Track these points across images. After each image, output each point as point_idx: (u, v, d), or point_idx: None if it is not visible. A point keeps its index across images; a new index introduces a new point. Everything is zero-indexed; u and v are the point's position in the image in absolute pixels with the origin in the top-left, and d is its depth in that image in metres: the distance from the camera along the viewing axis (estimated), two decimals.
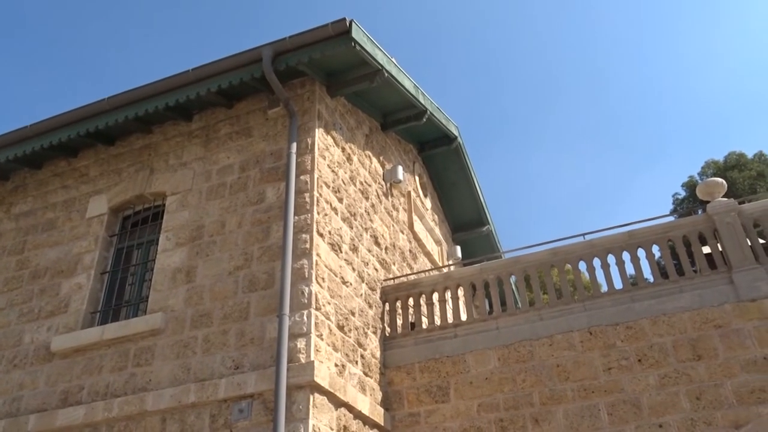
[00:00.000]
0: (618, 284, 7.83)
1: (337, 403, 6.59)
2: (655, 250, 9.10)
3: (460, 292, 8.89)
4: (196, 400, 6.40)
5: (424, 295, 8.68)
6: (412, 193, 11.24)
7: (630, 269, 8.29)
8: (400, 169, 10.21)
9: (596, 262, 8.11)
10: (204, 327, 6.95)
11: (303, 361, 6.26)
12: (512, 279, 8.82)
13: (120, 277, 8.19)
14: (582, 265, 8.22)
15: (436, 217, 12.62)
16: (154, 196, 8.50)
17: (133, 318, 7.38)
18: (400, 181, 10.17)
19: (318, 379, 6.15)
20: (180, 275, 7.46)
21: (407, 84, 9.39)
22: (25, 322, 7.99)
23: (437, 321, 8.85)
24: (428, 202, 12.28)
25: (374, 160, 9.84)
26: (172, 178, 8.41)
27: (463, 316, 9.22)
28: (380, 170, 10.01)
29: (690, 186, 26.80)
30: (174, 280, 7.46)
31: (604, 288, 7.93)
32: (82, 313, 7.69)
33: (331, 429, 6.33)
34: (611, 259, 8.04)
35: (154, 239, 8.24)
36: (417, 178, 11.84)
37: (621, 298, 7.64)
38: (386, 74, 8.52)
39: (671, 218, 10.44)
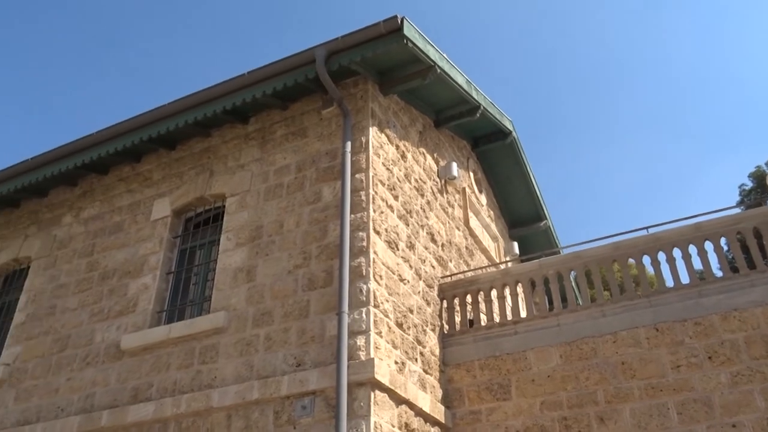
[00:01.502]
0: (684, 279, 7.56)
1: (398, 400, 6.60)
2: (723, 243, 8.75)
3: (519, 288, 8.77)
4: (259, 397, 6.53)
5: (482, 292, 8.61)
6: (467, 190, 11.15)
7: (697, 263, 8.00)
8: (454, 165, 10.15)
9: (661, 256, 7.85)
10: (265, 325, 7.07)
11: (363, 358, 6.30)
12: (572, 275, 8.64)
13: (184, 277, 8.43)
14: (646, 260, 7.98)
15: (492, 213, 12.49)
16: (214, 197, 8.70)
17: (198, 317, 7.58)
18: (454, 178, 10.11)
19: (378, 377, 6.17)
20: (241, 274, 7.61)
21: (460, 80, 9.32)
22: (96, 321, 8.32)
23: (496, 318, 8.76)
24: (483, 198, 12.16)
25: (428, 157, 9.81)
26: (231, 180, 8.59)
27: (523, 313, 9.09)
28: (434, 167, 9.97)
29: (757, 176, 25.65)
30: (235, 279, 7.62)
31: (670, 283, 7.68)
32: (149, 313, 7.95)
33: (393, 426, 6.35)
34: (677, 252, 7.78)
35: (216, 240, 8.44)
36: (472, 174, 11.75)
37: (688, 293, 7.38)
38: (438, 70, 8.47)
39: (738, 210, 10.03)
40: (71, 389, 7.88)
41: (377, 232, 7.27)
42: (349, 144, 7.69)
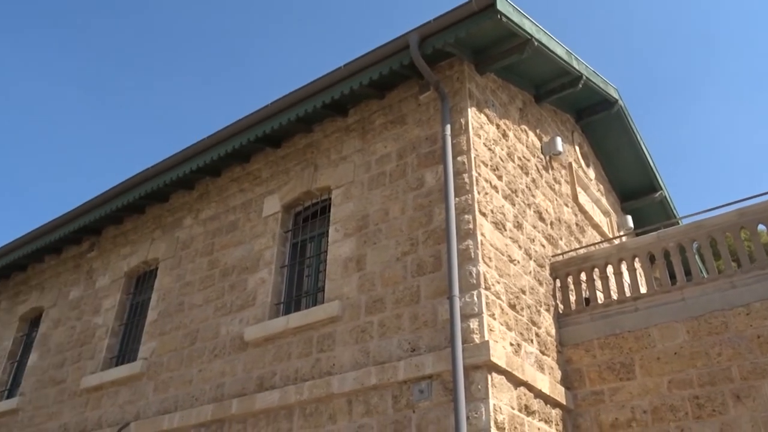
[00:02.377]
0: None
1: (516, 382, 6.51)
2: None
3: (637, 263, 8.37)
4: (377, 383, 6.66)
5: (597, 269, 8.29)
6: (574, 164, 10.77)
7: None
8: (558, 140, 9.82)
9: None
10: (378, 312, 7.19)
11: (477, 341, 6.26)
12: (694, 246, 8.13)
13: (297, 270, 8.74)
14: None
15: (601, 187, 12.00)
16: (320, 191, 8.94)
17: (313, 307, 7.83)
18: (559, 153, 9.79)
19: (494, 359, 6.11)
20: (351, 264, 7.78)
21: (559, 51, 8.99)
22: (220, 315, 8.80)
23: (614, 295, 8.42)
24: (591, 172, 11.70)
25: (530, 133, 9.56)
26: (334, 173, 8.78)
27: (643, 289, 8.68)
28: (538, 144, 9.70)
29: None
30: (346, 269, 7.80)
31: None
32: (268, 305, 8.31)
33: (512, 408, 6.27)
34: None
35: (324, 231, 8.68)
36: (577, 148, 11.32)
37: None
38: (536, 43, 8.21)
39: None
40: (203, 380, 8.40)
41: (483, 214, 7.18)
42: (448, 127, 7.63)
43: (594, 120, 11.58)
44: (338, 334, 7.38)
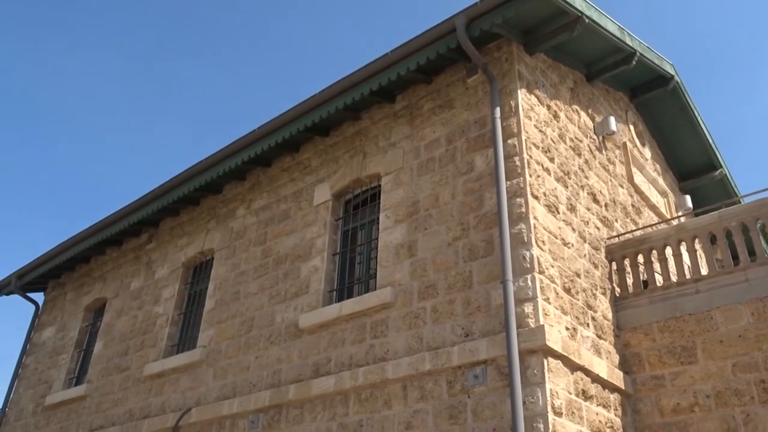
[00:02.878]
0: None
1: (573, 366, 6.41)
2: None
3: (697, 244, 8.10)
4: (431, 368, 6.66)
5: (655, 251, 8.07)
6: (628, 144, 10.48)
7: None
8: (611, 119, 9.57)
9: None
10: (431, 298, 7.19)
11: (532, 325, 6.19)
12: (758, 224, 7.81)
13: (349, 257, 8.80)
14: None
15: (657, 166, 11.64)
16: (369, 178, 8.96)
17: (365, 294, 7.88)
18: (613, 133, 9.53)
19: (550, 343, 6.03)
20: (402, 250, 7.79)
21: (611, 27, 8.73)
22: (275, 303, 8.96)
23: (673, 277, 8.18)
24: (647, 152, 11.36)
25: (582, 114, 9.33)
26: (383, 160, 8.79)
27: (704, 270, 8.41)
28: (590, 124, 9.47)
29: None
30: (397, 255, 7.81)
31: None
32: (321, 293, 8.41)
33: (569, 393, 6.19)
34: None
35: (375, 219, 8.71)
36: (631, 127, 11.01)
37: None
38: (586, 21, 7.99)
39: None
40: (260, 366, 8.59)
41: (535, 197, 7.07)
42: (498, 110, 7.52)
43: (649, 98, 11.23)
44: (391, 321, 7.41)
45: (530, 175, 7.14)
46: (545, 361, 6.01)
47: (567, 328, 6.63)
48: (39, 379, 12.90)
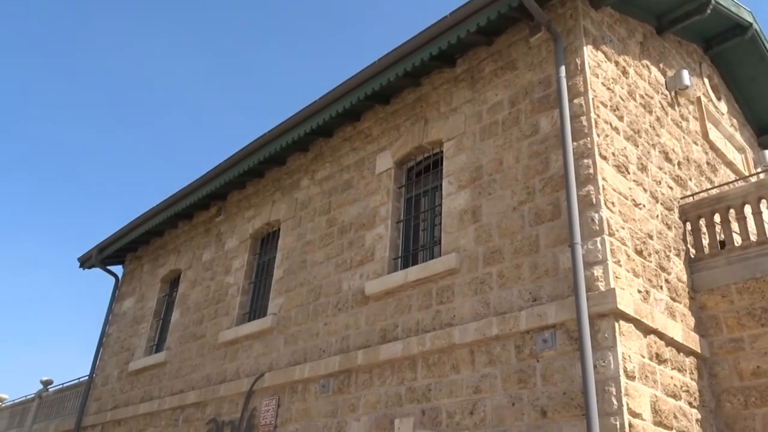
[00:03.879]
0: None
1: (645, 330, 6.26)
2: None
3: None
4: (499, 333, 6.64)
5: (732, 210, 7.71)
6: (703, 99, 9.97)
7: None
8: (684, 73, 9.11)
9: None
10: (496, 263, 7.12)
11: (602, 289, 6.06)
12: None
13: (413, 225, 8.81)
14: None
15: (734, 121, 11.05)
16: (431, 144, 8.89)
17: (430, 260, 7.88)
18: (686, 87, 9.08)
19: (621, 307, 5.90)
20: (467, 216, 7.73)
21: None
22: (341, 271, 9.10)
23: (752, 237, 7.80)
24: (723, 106, 10.79)
25: (653, 69, 8.92)
26: (445, 125, 8.68)
27: None
28: (661, 79, 9.05)
29: None
30: (461, 221, 7.76)
31: None
32: (386, 260, 8.48)
33: (642, 357, 6.05)
34: None
35: (438, 185, 8.65)
36: (706, 80, 10.46)
37: None
38: None
39: None
40: (328, 333, 8.77)
41: (604, 157, 6.85)
42: (563, 68, 7.28)
43: (725, 48, 10.63)
44: (457, 286, 7.41)
45: (598, 135, 6.91)
46: (616, 325, 5.88)
47: (639, 291, 6.45)
48: (122, 346, 13.62)
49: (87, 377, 14.22)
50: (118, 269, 15.56)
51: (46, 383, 16.86)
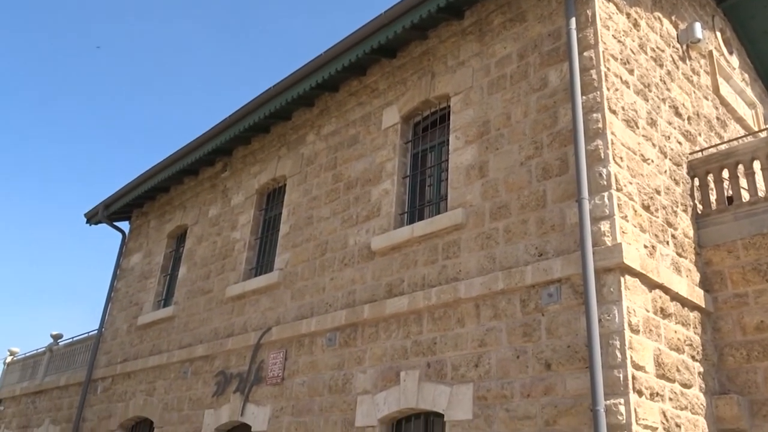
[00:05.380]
0: None
1: (651, 284, 6.29)
2: None
3: None
4: (504, 287, 6.69)
5: (741, 165, 7.65)
6: (714, 53, 9.79)
7: None
8: (697, 26, 8.92)
9: None
10: (503, 218, 7.12)
11: (609, 243, 6.06)
12: None
13: (419, 180, 8.78)
14: None
15: (746, 76, 10.88)
16: (438, 99, 8.79)
17: (437, 216, 7.89)
18: (698, 41, 8.91)
19: (627, 261, 5.91)
20: (473, 171, 7.69)
21: None
22: (347, 227, 9.12)
23: (761, 193, 7.77)
24: (735, 60, 10.60)
25: (665, 21, 8.73)
26: (452, 79, 8.57)
27: None
28: (673, 32, 8.87)
29: None
30: (468, 176, 7.73)
31: None
32: (392, 215, 8.48)
33: (647, 311, 6.10)
34: None
35: (444, 140, 8.59)
36: (718, 33, 10.25)
37: None
38: None
39: None
40: (335, 287, 8.85)
41: (613, 112, 6.77)
42: (573, 20, 7.13)
43: (738, 1, 10.39)
44: (463, 241, 7.43)
45: (608, 89, 6.82)
46: (622, 279, 5.91)
47: (645, 246, 6.46)
48: (130, 301, 13.80)
49: (96, 331, 14.45)
50: (125, 225, 15.65)
51: (56, 337, 17.17)
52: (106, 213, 14.70)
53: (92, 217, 15.26)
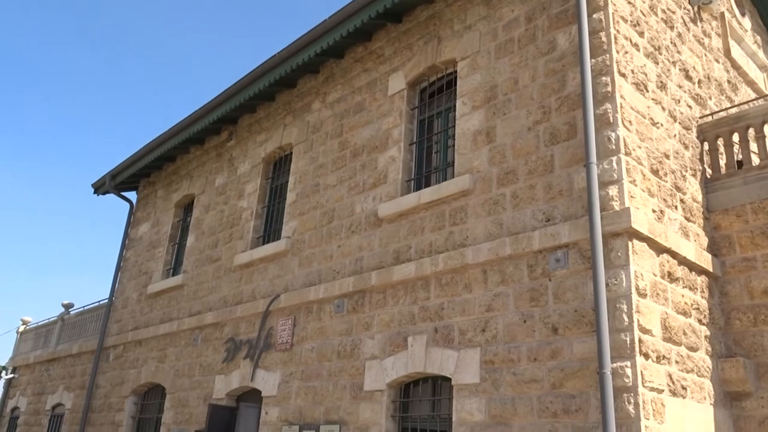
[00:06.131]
0: None
1: (658, 249, 6.28)
2: None
3: None
4: (512, 253, 6.69)
5: (752, 129, 7.56)
6: (726, 14, 9.60)
7: None
8: None
9: None
10: (510, 184, 7.10)
11: (617, 208, 6.04)
12: None
13: (426, 146, 8.74)
14: None
15: (758, 38, 10.68)
16: (445, 64, 8.69)
17: (444, 182, 7.86)
18: (710, 2, 8.74)
19: (635, 225, 5.89)
20: (480, 137, 7.64)
21: None
22: (354, 194, 9.11)
23: None
24: (747, 22, 10.40)
25: None
26: (459, 44, 8.46)
27: None
28: None
29: None
30: (475, 142, 7.68)
31: None
32: (399, 182, 8.47)
33: (654, 275, 6.10)
34: None
35: (451, 106, 8.52)
36: None
37: None
38: None
39: None
40: (342, 254, 8.88)
41: (622, 75, 6.68)
42: None
43: None
44: (470, 208, 7.41)
45: (617, 52, 6.71)
46: (630, 244, 5.90)
47: (654, 211, 6.43)
48: (139, 270, 13.91)
49: (107, 300, 14.61)
50: (132, 195, 15.70)
51: (68, 306, 17.38)
52: (113, 183, 14.74)
53: (99, 188, 15.31)
